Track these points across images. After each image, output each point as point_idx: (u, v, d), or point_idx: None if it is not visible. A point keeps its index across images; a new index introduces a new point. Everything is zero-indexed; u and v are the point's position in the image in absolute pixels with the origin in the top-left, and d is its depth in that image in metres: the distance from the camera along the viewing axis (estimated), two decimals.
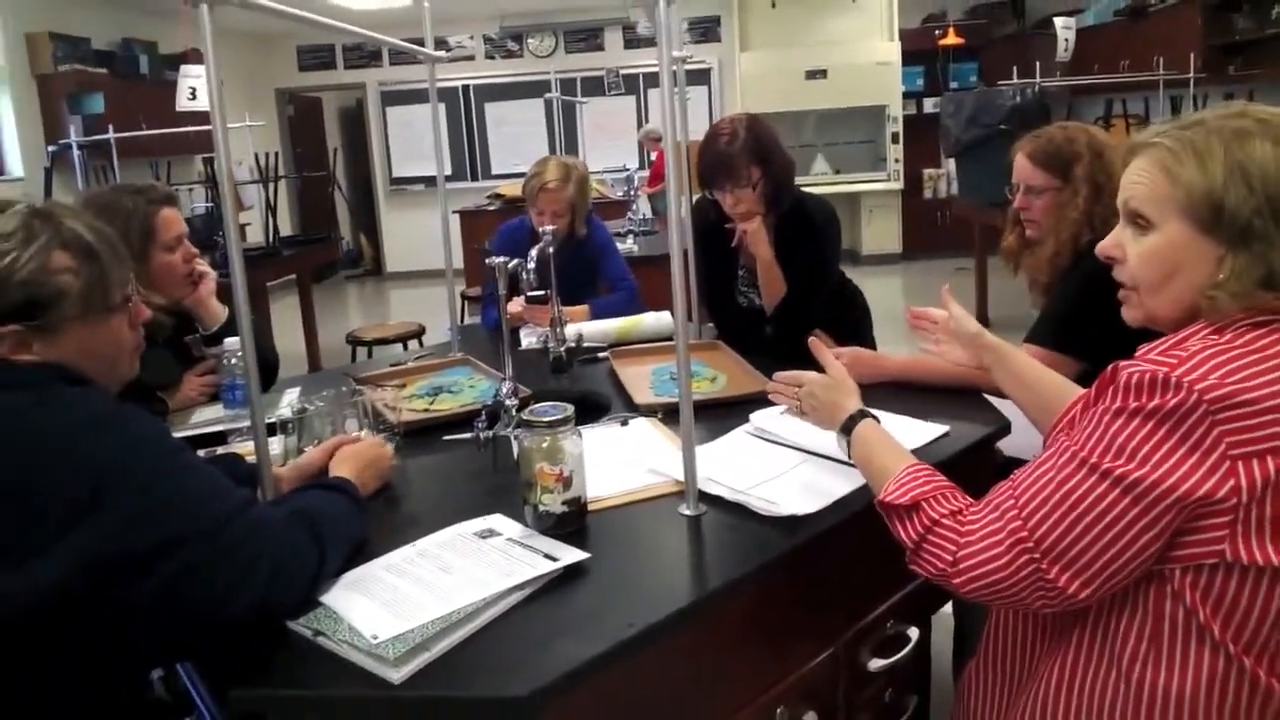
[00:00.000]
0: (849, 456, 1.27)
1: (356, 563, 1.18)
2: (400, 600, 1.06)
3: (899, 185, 8.48)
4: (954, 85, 8.36)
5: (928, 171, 8.71)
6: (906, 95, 8.51)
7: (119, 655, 0.97)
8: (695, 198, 2.33)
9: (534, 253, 1.77)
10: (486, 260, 1.58)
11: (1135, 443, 0.89)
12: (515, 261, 1.70)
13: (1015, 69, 6.14)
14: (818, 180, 8.65)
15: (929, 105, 8.41)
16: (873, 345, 2.38)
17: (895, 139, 8.38)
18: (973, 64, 8.57)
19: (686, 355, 1.28)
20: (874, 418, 1.27)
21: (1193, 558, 0.90)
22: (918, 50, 8.44)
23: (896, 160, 8.42)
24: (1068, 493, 0.93)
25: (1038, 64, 5.96)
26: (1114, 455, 0.91)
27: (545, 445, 1.24)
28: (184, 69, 4.74)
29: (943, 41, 8.32)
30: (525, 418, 1.26)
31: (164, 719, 1.28)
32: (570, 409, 1.26)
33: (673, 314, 1.29)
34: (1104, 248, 1.05)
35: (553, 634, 1.04)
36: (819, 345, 1.45)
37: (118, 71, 6.79)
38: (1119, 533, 0.90)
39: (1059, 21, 5.90)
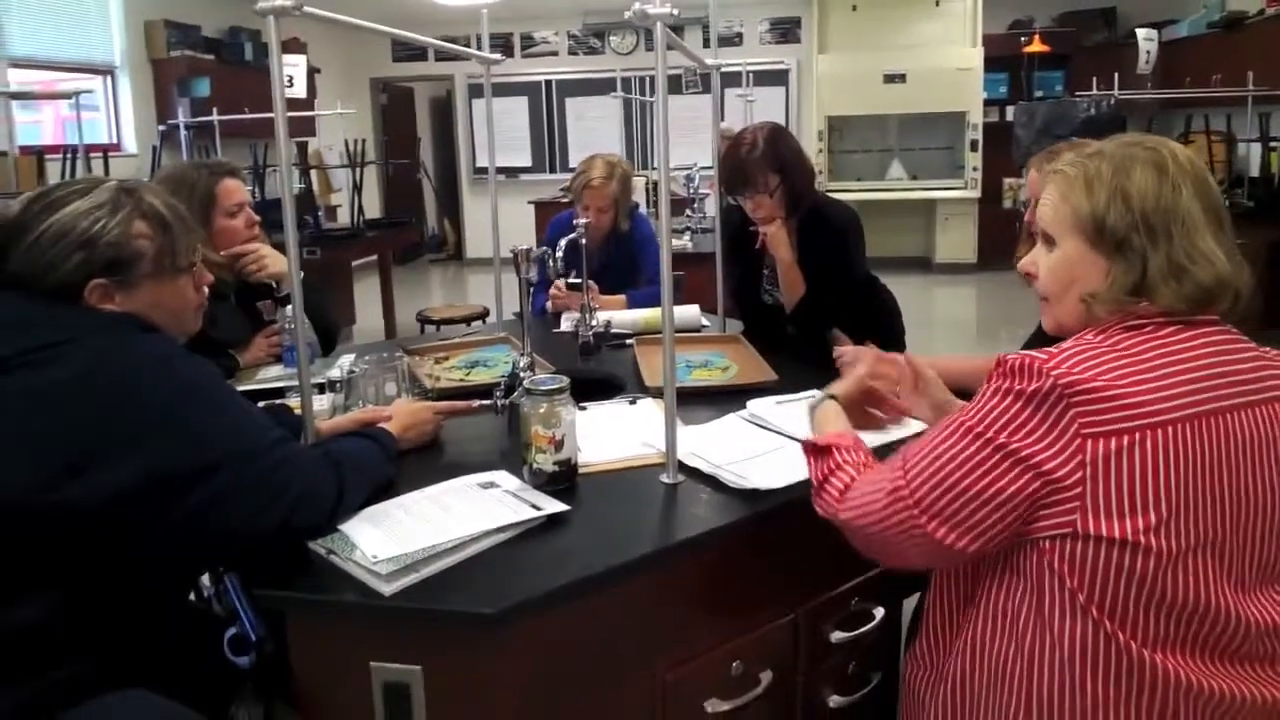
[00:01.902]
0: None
1: (378, 501, 1.37)
2: (402, 531, 1.25)
3: (976, 194, 8.38)
4: (1039, 94, 8.22)
5: (1008, 181, 8.58)
6: (989, 102, 8.40)
7: (164, 560, 1.17)
8: (725, 201, 2.46)
9: (563, 242, 1.94)
10: (511, 249, 1.75)
11: (1006, 416, 1.04)
12: (543, 249, 1.87)
13: (1095, 79, 6.05)
14: (893, 186, 8.63)
15: (1011, 113, 8.30)
16: (900, 345, 2.47)
17: (974, 146, 8.29)
18: (1059, 73, 8.41)
19: (671, 342, 1.44)
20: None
21: (1052, 528, 1.02)
22: (1003, 57, 8.32)
23: (975, 168, 8.32)
24: (944, 451, 1.08)
25: (1116, 75, 5.86)
26: (988, 424, 1.05)
27: (542, 411, 1.41)
28: (284, 58, 5.07)
29: (1027, 49, 8.19)
30: (527, 386, 1.44)
31: (214, 628, 1.49)
32: (566, 381, 1.43)
33: (663, 308, 1.44)
34: (1022, 265, 1.20)
35: (528, 568, 1.21)
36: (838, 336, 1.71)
37: (224, 58, 7.24)
38: (984, 486, 1.04)
39: (1141, 33, 5.81)
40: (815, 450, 1.28)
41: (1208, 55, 6.97)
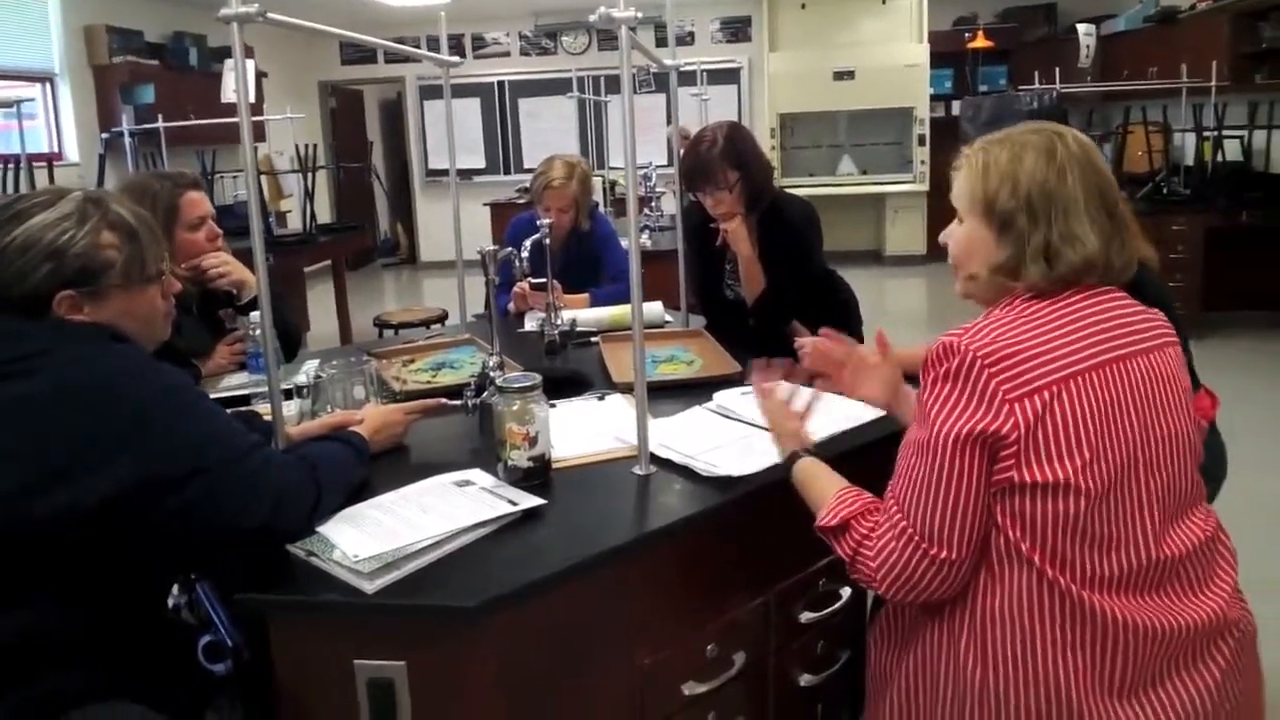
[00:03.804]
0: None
1: (353, 503, 1.38)
2: (381, 531, 1.26)
3: (924, 187, 8.55)
4: (983, 88, 8.42)
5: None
6: (936, 98, 8.58)
7: (145, 566, 1.18)
8: (686, 199, 2.50)
9: (528, 243, 1.96)
10: (478, 249, 1.77)
11: (937, 405, 1.12)
12: (508, 250, 1.89)
13: (1037, 74, 6.22)
14: (844, 181, 8.76)
15: (957, 108, 8.47)
16: (858, 336, 2.53)
17: (922, 141, 8.47)
18: (1002, 68, 8.62)
19: (641, 338, 1.47)
20: (808, 453, 1.40)
21: (995, 484, 1.10)
22: (948, 53, 8.50)
23: (923, 162, 8.49)
24: (915, 474, 1.14)
25: (1057, 69, 6.03)
26: (928, 424, 1.13)
27: (515, 408, 1.43)
28: (230, 62, 5.01)
29: (971, 44, 8.38)
30: (500, 385, 1.46)
31: (187, 637, 1.49)
32: (538, 378, 1.45)
33: (633, 304, 1.47)
34: (941, 236, 1.29)
35: (507, 562, 1.23)
36: (760, 389, 1.56)
37: (168, 63, 7.11)
38: (955, 489, 1.10)
39: (1081, 28, 5.98)
40: (832, 530, 1.24)
41: (1144, 49, 7.20)
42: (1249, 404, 4.32)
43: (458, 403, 1.76)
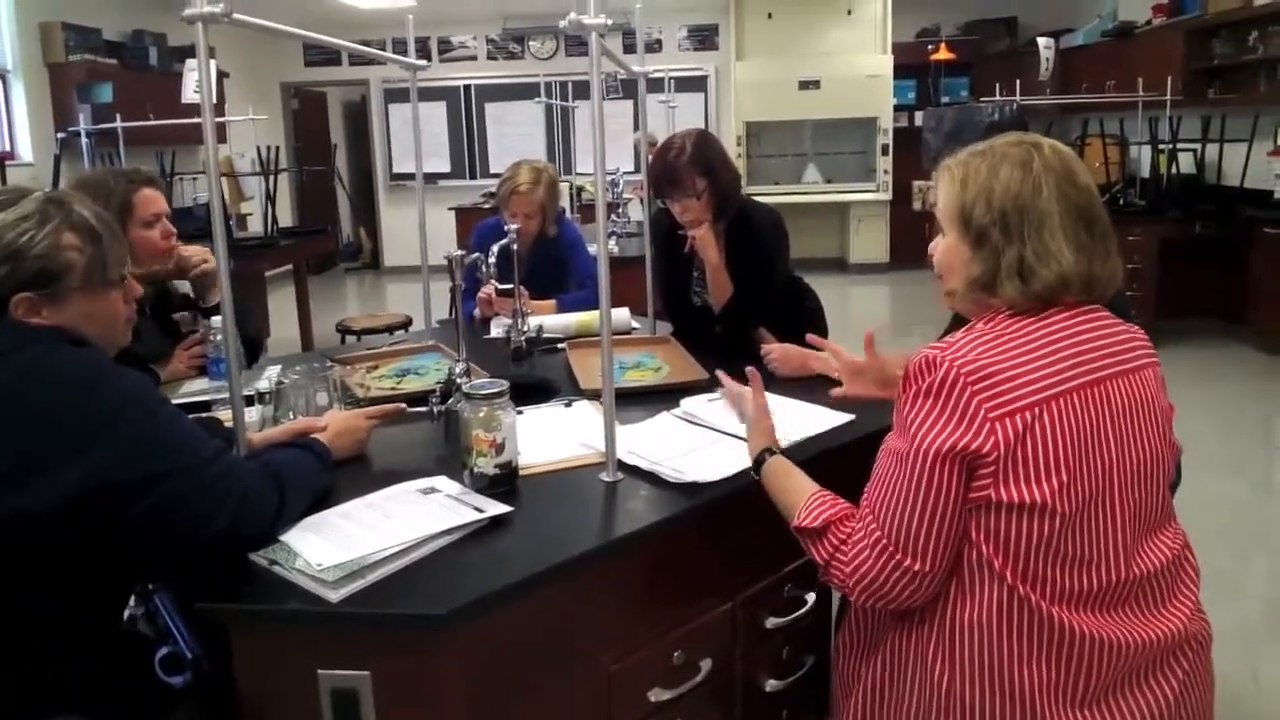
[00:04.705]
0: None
1: (316, 511, 1.36)
2: (345, 539, 1.25)
3: (888, 196, 8.65)
4: (945, 100, 8.55)
5: (917, 183, 8.87)
6: (899, 108, 8.70)
7: (103, 570, 1.16)
8: (655, 206, 2.51)
9: (495, 248, 1.96)
10: (445, 255, 1.76)
11: (918, 419, 1.11)
12: (475, 255, 1.88)
13: (998, 86, 6.33)
14: (808, 189, 8.85)
15: (920, 119, 8.59)
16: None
17: (885, 150, 8.57)
18: (964, 79, 8.76)
19: (609, 344, 1.47)
20: (780, 453, 1.42)
21: (972, 501, 1.10)
22: (911, 64, 8.63)
23: (886, 171, 8.60)
24: (892, 485, 1.14)
25: (1018, 82, 6.14)
26: (907, 437, 1.12)
27: (482, 415, 1.43)
28: (190, 62, 4.93)
29: (934, 56, 8.51)
30: (466, 391, 1.45)
31: (146, 648, 1.46)
32: (505, 385, 1.45)
33: (601, 310, 1.47)
34: (930, 248, 1.28)
35: (474, 569, 1.23)
36: (755, 379, 1.55)
37: (127, 62, 6.97)
38: (932, 503, 1.10)
39: (1041, 41, 6.10)
40: (810, 533, 1.24)
41: (1102, 63, 7.37)
42: (1200, 410, 4.43)
43: (422, 409, 1.75)
